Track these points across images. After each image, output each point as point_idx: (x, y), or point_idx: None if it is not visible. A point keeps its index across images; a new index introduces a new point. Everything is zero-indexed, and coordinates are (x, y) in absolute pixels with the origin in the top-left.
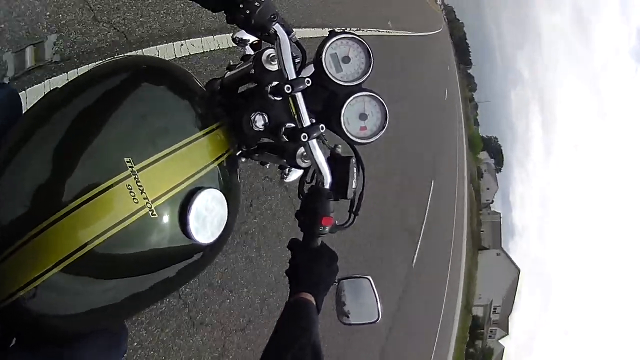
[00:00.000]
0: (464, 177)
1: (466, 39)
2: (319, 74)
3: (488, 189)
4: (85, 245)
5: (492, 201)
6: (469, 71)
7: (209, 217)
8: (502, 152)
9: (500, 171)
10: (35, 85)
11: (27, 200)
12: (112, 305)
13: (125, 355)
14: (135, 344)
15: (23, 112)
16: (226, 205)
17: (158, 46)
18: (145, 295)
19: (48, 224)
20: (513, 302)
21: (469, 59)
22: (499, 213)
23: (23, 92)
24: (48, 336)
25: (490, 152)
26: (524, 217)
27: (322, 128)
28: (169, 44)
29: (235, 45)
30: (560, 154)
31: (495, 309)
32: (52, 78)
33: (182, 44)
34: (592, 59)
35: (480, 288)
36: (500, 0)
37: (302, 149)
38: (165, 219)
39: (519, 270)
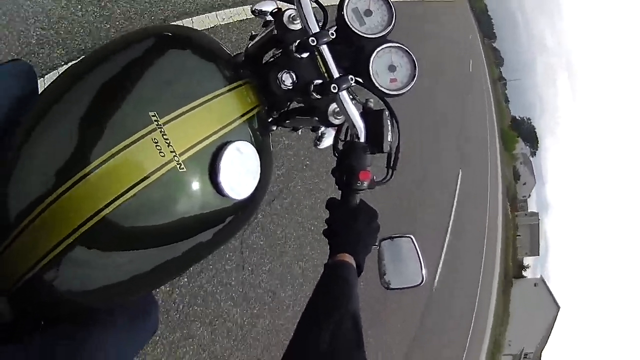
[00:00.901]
0: (497, 195)
1: (487, 10)
2: (343, 30)
3: (525, 184)
4: (108, 206)
5: (529, 195)
6: (494, 45)
7: (240, 171)
8: (536, 135)
9: (535, 155)
10: None
11: (45, 167)
12: (138, 277)
13: (156, 331)
14: None
15: (38, 85)
16: (258, 160)
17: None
18: (175, 261)
19: (66, 188)
20: (546, 342)
21: (492, 32)
22: (537, 214)
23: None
24: (67, 316)
25: (524, 136)
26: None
27: (352, 79)
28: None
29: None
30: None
31: (527, 355)
32: None
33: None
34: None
35: (512, 332)
36: None
37: (333, 105)
38: (195, 173)
39: (558, 308)
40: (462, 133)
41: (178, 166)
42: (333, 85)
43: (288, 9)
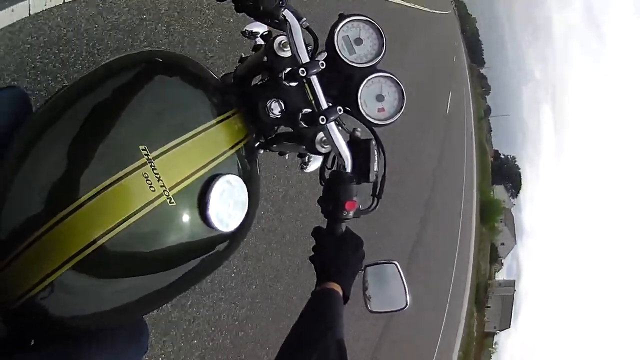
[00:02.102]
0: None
1: (479, 35)
2: (333, 58)
3: (503, 244)
4: (101, 237)
5: (506, 256)
6: (481, 71)
7: (229, 204)
8: (520, 176)
9: (516, 196)
10: None
11: (39, 195)
12: (129, 302)
13: (146, 352)
14: None
15: (32, 111)
16: (246, 192)
17: None
18: (164, 290)
19: (60, 218)
20: None
21: (481, 58)
22: (513, 282)
23: None
24: (61, 336)
25: (506, 180)
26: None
27: (340, 110)
28: None
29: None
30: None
31: None
32: None
33: None
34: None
35: None
36: None
37: (321, 134)
38: (184, 207)
39: None
40: (428, 207)
41: (168, 200)
42: (321, 116)
43: (279, 35)
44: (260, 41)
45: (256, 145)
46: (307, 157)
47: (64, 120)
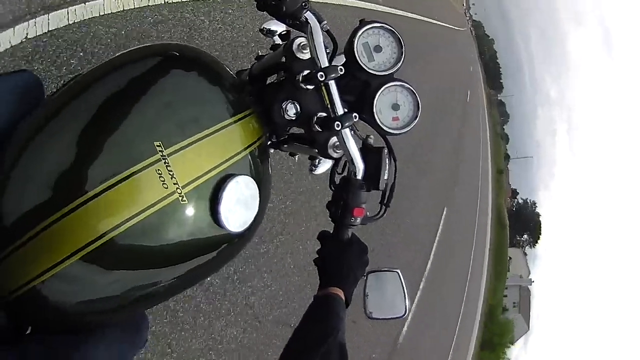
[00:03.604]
0: None
1: (497, 58)
2: (351, 64)
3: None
4: (110, 231)
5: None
6: (499, 96)
7: (240, 204)
8: (540, 224)
9: (534, 246)
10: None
11: (50, 184)
12: (133, 296)
13: (145, 345)
14: None
15: (45, 97)
16: (258, 194)
17: None
18: (169, 286)
19: (70, 209)
20: None
21: (499, 83)
22: None
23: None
24: (63, 326)
25: (524, 229)
26: None
27: (356, 117)
28: None
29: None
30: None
31: None
32: None
33: None
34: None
35: None
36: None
37: (334, 139)
38: (196, 205)
39: None
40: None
41: (180, 198)
42: (337, 122)
43: (298, 37)
44: (278, 40)
45: (268, 144)
46: (317, 160)
47: (80, 109)
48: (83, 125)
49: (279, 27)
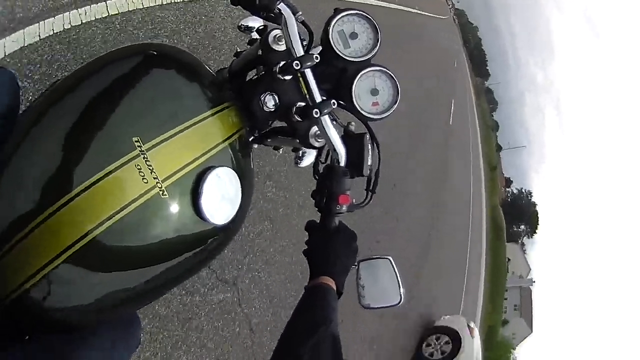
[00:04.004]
0: None
1: (482, 45)
2: (328, 52)
3: (514, 335)
4: (94, 230)
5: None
6: (486, 83)
7: (221, 196)
8: (537, 214)
9: (532, 236)
10: None
11: (31, 188)
12: (122, 296)
13: (138, 347)
14: None
15: (20, 92)
16: (239, 184)
17: None
18: (158, 283)
19: (52, 211)
20: None
21: (485, 70)
22: None
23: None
24: (54, 329)
25: (520, 215)
26: None
27: (334, 103)
28: None
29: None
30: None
31: None
32: None
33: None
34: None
35: None
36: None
37: (315, 128)
38: (177, 199)
39: None
40: None
41: (161, 192)
42: (315, 109)
43: (274, 29)
44: (255, 35)
45: (250, 139)
46: (301, 152)
47: (58, 112)
48: (63, 128)
49: (256, 23)
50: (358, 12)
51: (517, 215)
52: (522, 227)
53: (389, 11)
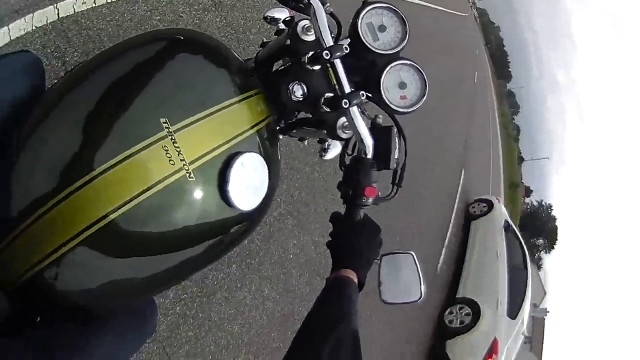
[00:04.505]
0: None
1: (504, 46)
2: (356, 44)
3: None
4: (112, 212)
5: None
6: (508, 86)
7: (249, 182)
8: (556, 228)
9: (549, 252)
10: None
11: (51, 167)
12: (138, 282)
13: (153, 334)
14: None
15: (45, 75)
16: (267, 171)
17: None
18: (176, 270)
19: (71, 191)
20: None
21: (508, 72)
22: None
23: None
24: (68, 313)
25: (539, 230)
26: None
27: (363, 95)
28: None
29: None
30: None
31: None
32: None
33: None
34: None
35: None
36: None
37: (342, 120)
38: (203, 182)
39: None
40: None
41: (187, 175)
42: (344, 100)
43: (302, 20)
44: (282, 26)
45: (277, 128)
46: (326, 144)
47: (83, 92)
48: (89, 107)
49: (282, 14)
50: (386, 4)
51: (535, 229)
52: (540, 241)
53: (404, 5)
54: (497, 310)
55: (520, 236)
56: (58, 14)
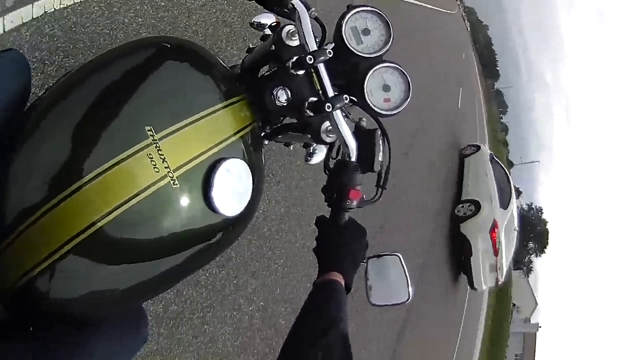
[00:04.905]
0: None
1: (492, 44)
2: (340, 48)
3: None
4: (102, 218)
5: None
6: (496, 85)
7: (233, 188)
8: (547, 232)
9: (540, 255)
10: None
11: (40, 176)
12: (128, 289)
13: (145, 342)
14: None
15: (30, 74)
16: (251, 177)
17: None
18: (165, 276)
19: (60, 199)
20: None
21: (495, 70)
22: None
23: None
24: (57, 321)
25: (530, 239)
26: None
27: (346, 98)
28: None
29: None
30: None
31: None
32: None
33: None
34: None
35: None
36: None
37: (326, 124)
38: (188, 189)
39: None
40: None
41: (172, 182)
42: (327, 104)
43: (287, 25)
44: (268, 32)
45: (262, 135)
46: (312, 149)
47: (70, 100)
48: (75, 117)
49: (269, 20)
50: (371, 8)
51: (526, 234)
52: (530, 244)
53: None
54: (492, 203)
55: (502, 164)
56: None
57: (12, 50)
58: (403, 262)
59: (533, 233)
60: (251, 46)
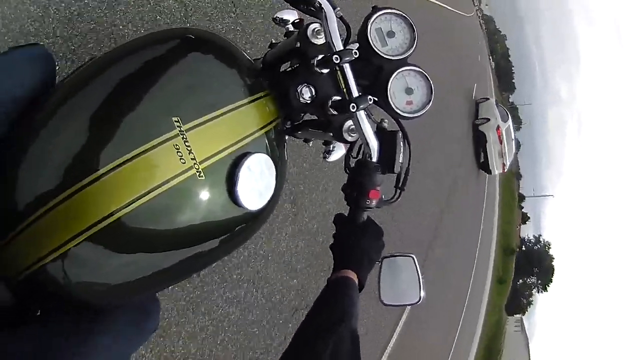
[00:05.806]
0: None
1: (509, 56)
2: (365, 49)
3: None
4: (126, 206)
5: None
6: (511, 99)
7: (257, 182)
8: (552, 266)
9: (542, 292)
10: None
11: (60, 163)
12: (141, 279)
13: (155, 332)
14: None
15: (56, 69)
16: (274, 172)
17: None
18: (180, 268)
19: (80, 187)
20: None
21: (512, 83)
22: None
23: None
24: (68, 308)
25: (530, 278)
26: None
27: (371, 99)
28: None
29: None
30: None
31: None
32: None
33: None
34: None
35: None
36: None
37: (349, 123)
38: (213, 181)
39: None
40: None
41: (197, 174)
42: (352, 104)
43: (312, 23)
44: (291, 28)
45: (284, 129)
46: (331, 146)
47: (95, 87)
48: (100, 104)
49: (292, 16)
50: (396, 11)
51: (529, 269)
52: (534, 279)
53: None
54: (495, 118)
55: (504, 107)
56: None
57: (35, 45)
58: (417, 264)
59: (538, 267)
60: (274, 41)
